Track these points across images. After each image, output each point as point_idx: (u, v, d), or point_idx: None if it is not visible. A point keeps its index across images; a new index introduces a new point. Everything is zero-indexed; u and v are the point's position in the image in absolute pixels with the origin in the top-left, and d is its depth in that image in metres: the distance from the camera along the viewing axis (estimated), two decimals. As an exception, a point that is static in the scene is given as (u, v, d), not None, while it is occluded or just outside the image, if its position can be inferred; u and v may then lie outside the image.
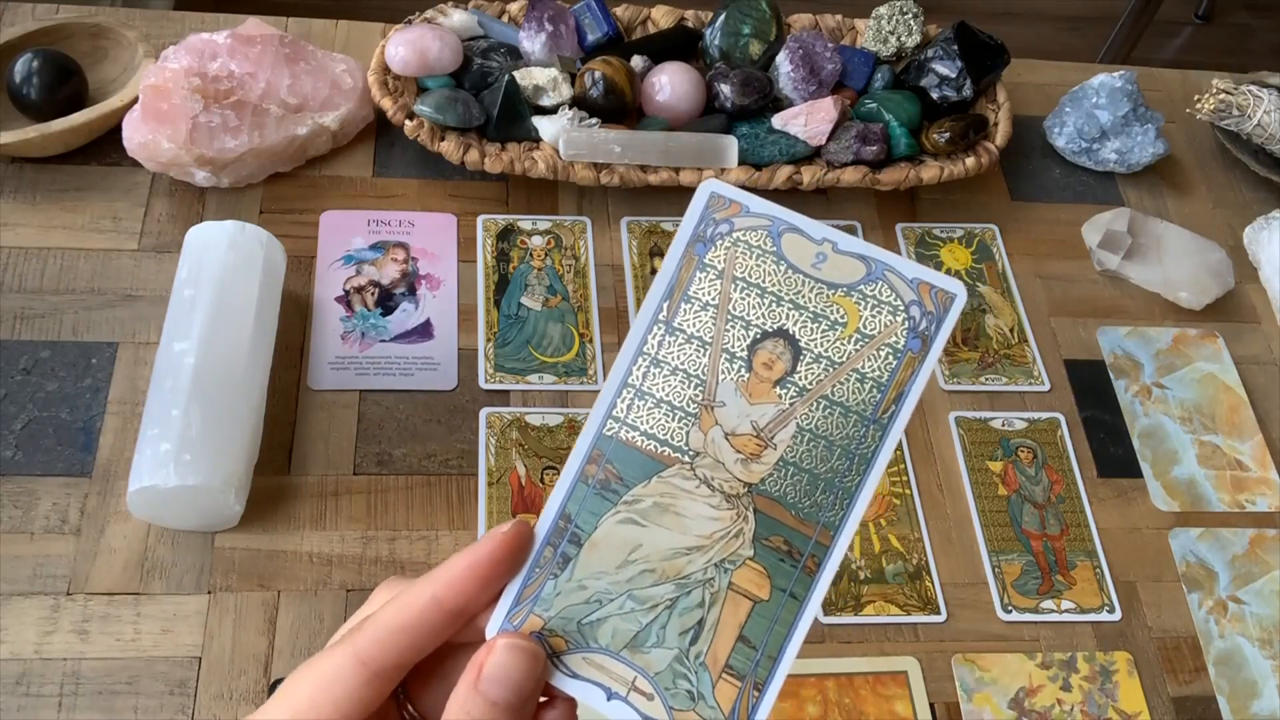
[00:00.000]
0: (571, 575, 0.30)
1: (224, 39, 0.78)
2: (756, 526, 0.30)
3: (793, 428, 0.30)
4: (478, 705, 0.30)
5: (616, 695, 0.30)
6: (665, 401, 0.30)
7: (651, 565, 0.30)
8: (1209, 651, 0.69)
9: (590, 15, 0.85)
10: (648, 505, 0.30)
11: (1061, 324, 0.82)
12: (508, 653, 0.30)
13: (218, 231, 0.69)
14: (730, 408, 0.30)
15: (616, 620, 0.30)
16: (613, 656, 0.30)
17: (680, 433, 0.30)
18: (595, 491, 0.30)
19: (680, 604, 0.30)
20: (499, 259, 0.79)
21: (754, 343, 0.30)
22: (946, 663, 0.66)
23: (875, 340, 0.30)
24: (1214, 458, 0.77)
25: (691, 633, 0.29)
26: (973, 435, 0.75)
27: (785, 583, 0.29)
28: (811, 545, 0.29)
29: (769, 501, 0.30)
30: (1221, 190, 0.93)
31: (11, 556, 0.63)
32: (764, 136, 0.81)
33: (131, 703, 0.59)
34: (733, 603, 0.29)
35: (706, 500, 0.30)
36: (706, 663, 0.29)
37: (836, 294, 0.30)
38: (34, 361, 0.69)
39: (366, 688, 0.32)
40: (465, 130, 0.80)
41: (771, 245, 0.30)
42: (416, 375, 0.73)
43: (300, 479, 0.68)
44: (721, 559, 0.30)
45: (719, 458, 0.30)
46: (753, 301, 0.30)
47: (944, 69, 0.85)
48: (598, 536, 0.30)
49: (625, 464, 0.30)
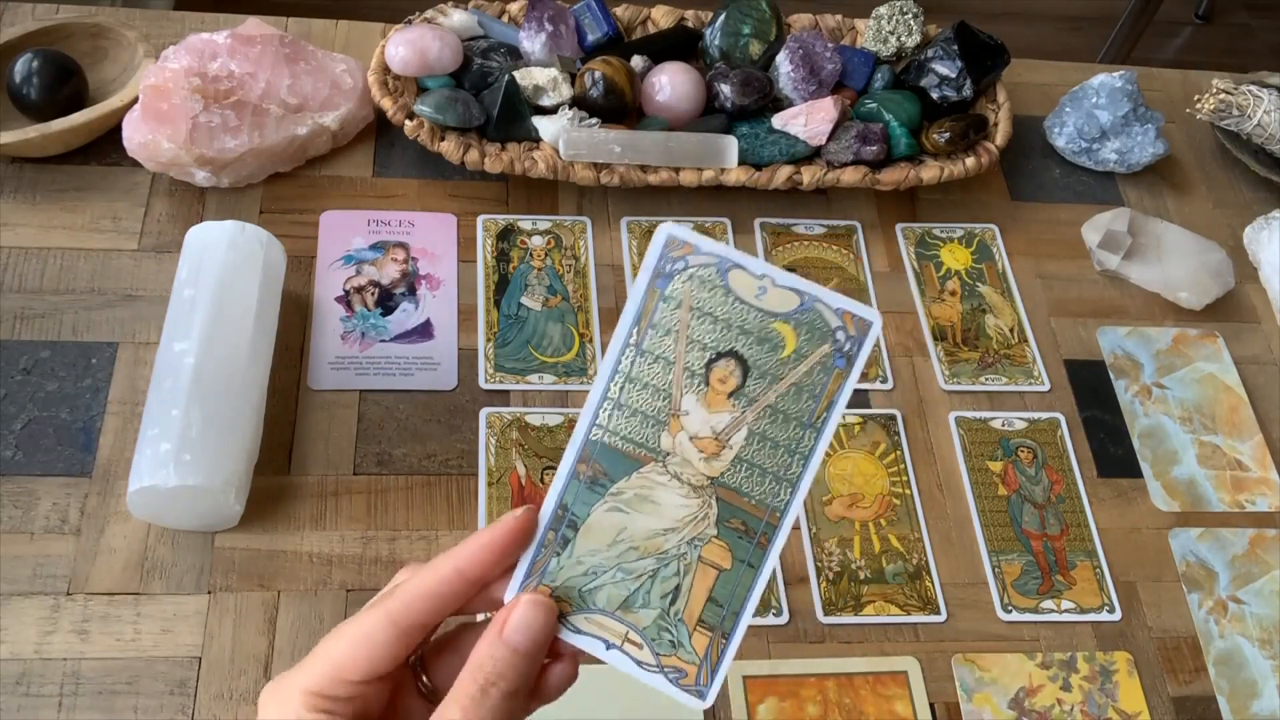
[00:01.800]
0: (571, 553, 0.37)
1: (224, 39, 0.78)
2: (719, 511, 0.36)
3: (745, 431, 0.36)
4: (501, 650, 0.36)
5: (614, 646, 0.37)
6: (639, 411, 0.36)
7: (635, 544, 0.37)
8: (1209, 651, 0.69)
9: (590, 15, 0.85)
10: (630, 496, 0.37)
11: (1061, 324, 0.82)
12: (529, 606, 0.37)
13: (218, 231, 0.69)
14: (693, 416, 0.36)
15: (610, 588, 0.37)
16: (608, 615, 0.37)
17: (653, 437, 0.36)
18: (586, 486, 0.37)
19: (660, 574, 0.37)
20: (499, 259, 0.79)
21: (709, 362, 0.36)
22: (946, 663, 0.66)
23: (809, 359, 0.36)
24: (1214, 458, 0.77)
25: (670, 595, 0.37)
26: (973, 435, 0.75)
27: (743, 555, 0.36)
28: (763, 525, 0.36)
29: (728, 491, 0.36)
30: (1221, 190, 0.93)
31: (11, 556, 0.63)
32: (764, 136, 0.81)
33: (131, 703, 0.59)
34: (702, 572, 0.37)
35: (677, 491, 0.37)
36: (684, 618, 0.37)
37: (776, 321, 0.36)
38: (34, 361, 0.69)
39: (396, 644, 0.37)
40: (465, 130, 0.80)
41: (720, 280, 0.36)
42: (416, 375, 0.73)
43: (300, 479, 0.68)
44: (692, 538, 0.37)
45: (686, 457, 0.36)
46: (707, 327, 0.36)
47: (944, 69, 0.85)
48: (590, 522, 0.37)
49: (610, 463, 0.37)
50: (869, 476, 0.72)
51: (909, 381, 0.78)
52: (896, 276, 0.83)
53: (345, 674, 0.37)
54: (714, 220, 0.83)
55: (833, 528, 0.70)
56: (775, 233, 0.83)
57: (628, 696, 0.51)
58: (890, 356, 0.78)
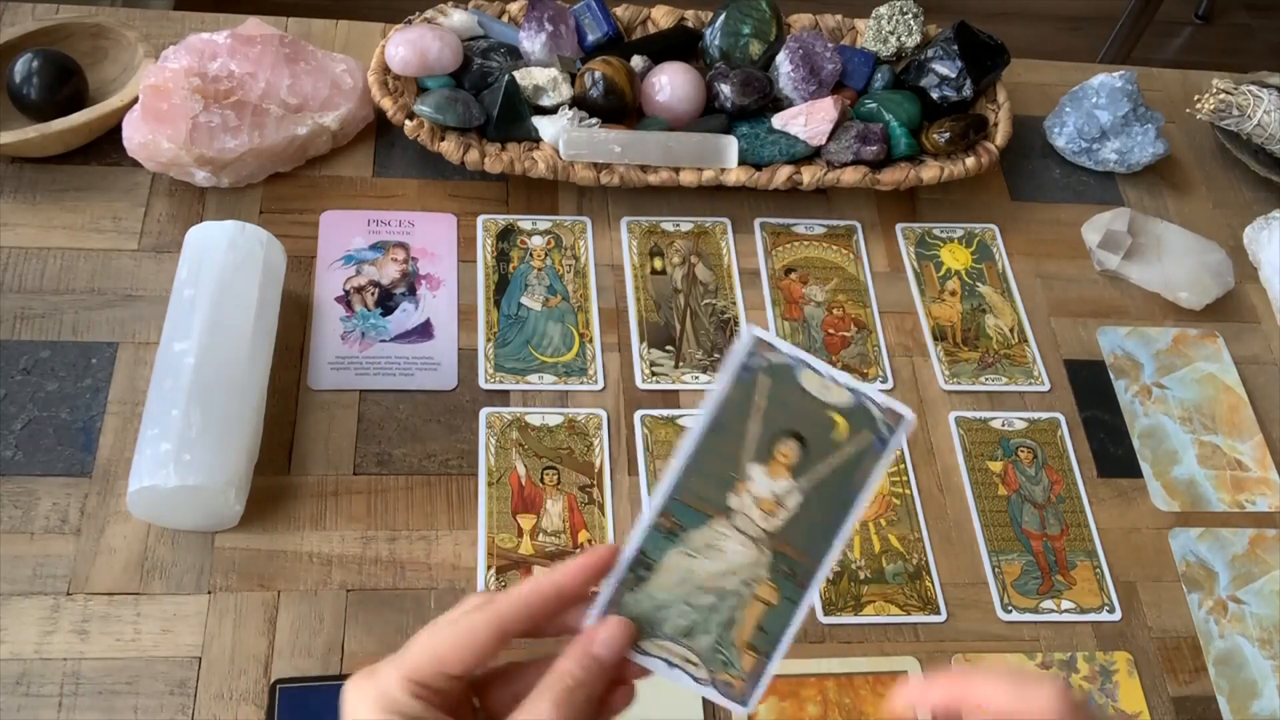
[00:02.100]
0: (645, 590, 0.44)
1: (224, 39, 0.78)
2: (771, 559, 0.44)
3: (798, 496, 0.44)
4: (587, 660, 0.41)
5: (675, 665, 0.43)
6: (714, 475, 0.44)
7: (701, 583, 0.44)
8: (1209, 651, 0.69)
9: (590, 15, 0.85)
10: (700, 544, 0.44)
11: (1061, 324, 0.82)
12: (618, 626, 0.42)
13: (218, 231, 0.69)
14: (757, 482, 0.44)
15: (676, 618, 0.44)
16: (672, 641, 0.44)
17: (722, 496, 0.44)
18: (664, 535, 0.44)
19: (719, 607, 0.44)
20: (499, 259, 0.79)
21: (775, 438, 0.44)
22: (946, 663, 0.66)
23: (854, 443, 0.44)
24: (1214, 458, 0.77)
25: (726, 625, 0.44)
26: (973, 435, 0.75)
27: (788, 593, 0.44)
28: (804, 569, 0.44)
29: (779, 542, 0.44)
30: (1221, 190, 0.93)
31: (11, 556, 0.63)
32: (764, 136, 0.81)
33: (131, 703, 0.59)
34: (753, 606, 0.44)
35: (739, 542, 0.44)
36: (736, 643, 0.44)
37: (832, 412, 0.43)
38: (34, 361, 0.69)
39: (495, 645, 0.41)
40: (465, 130, 0.80)
41: (793, 377, 0.44)
42: (416, 375, 0.73)
43: (300, 479, 0.68)
44: (748, 579, 0.44)
45: (748, 514, 0.44)
46: (777, 412, 0.44)
47: (944, 69, 0.85)
48: (664, 564, 0.44)
49: (684, 517, 0.44)
50: (869, 476, 0.72)
51: (909, 381, 0.77)
52: (896, 276, 0.83)
53: (446, 666, 0.40)
54: (714, 220, 0.83)
55: (833, 528, 0.70)
56: (775, 233, 0.83)
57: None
58: (890, 356, 0.78)
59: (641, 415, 0.73)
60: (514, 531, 0.67)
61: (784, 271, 0.81)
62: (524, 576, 0.66)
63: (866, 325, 0.80)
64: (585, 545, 0.68)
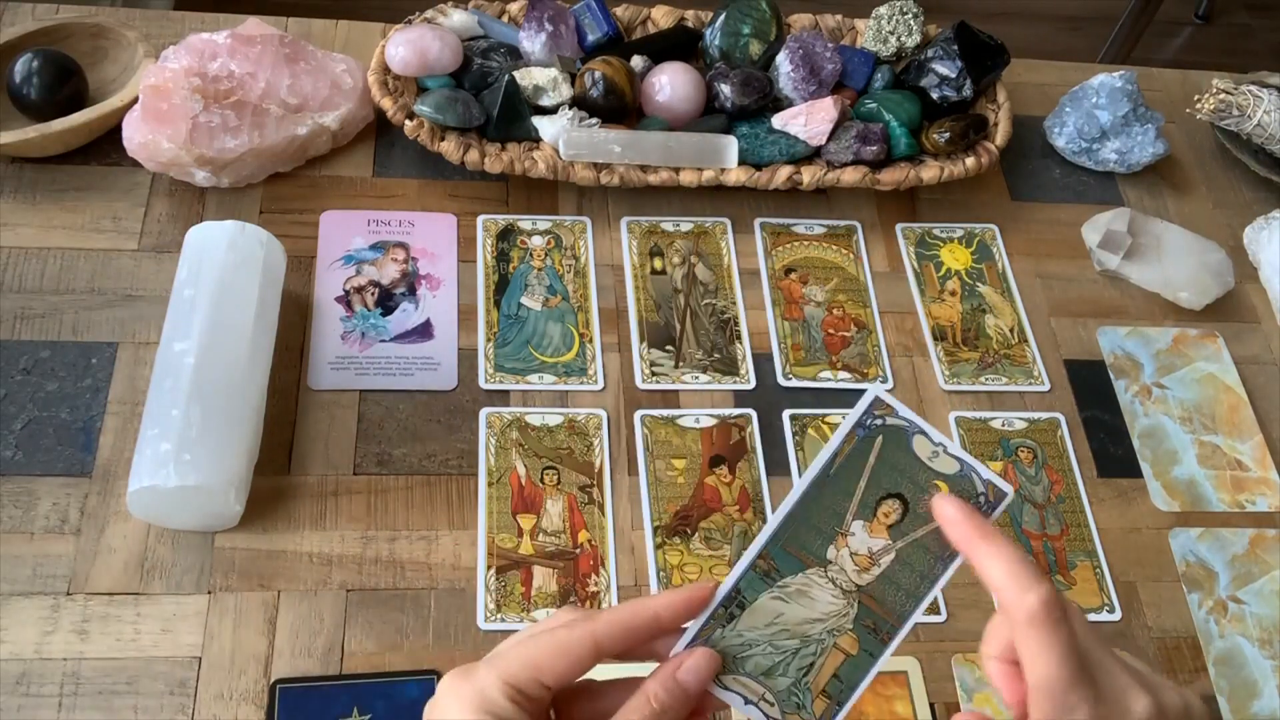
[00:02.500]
0: (734, 627, 0.45)
1: (224, 39, 0.78)
2: (858, 611, 0.45)
3: (893, 555, 0.45)
4: (674, 685, 0.42)
5: (751, 702, 0.45)
6: (817, 527, 0.45)
7: (787, 627, 0.45)
8: (1209, 651, 0.69)
9: (590, 15, 0.85)
10: (793, 590, 0.45)
11: (1061, 324, 0.82)
12: (706, 656, 0.43)
13: (218, 231, 0.69)
14: (857, 537, 0.45)
15: (759, 658, 0.45)
16: (753, 679, 0.45)
17: (822, 548, 0.45)
18: (760, 576, 0.45)
19: (801, 652, 0.45)
20: (499, 259, 0.79)
21: (880, 498, 0.45)
22: (946, 663, 0.66)
23: None
24: (1214, 458, 0.77)
25: (805, 669, 0.45)
26: (973, 435, 0.75)
27: (868, 647, 0.45)
28: (888, 626, 0.45)
29: (868, 597, 0.45)
30: (1221, 190, 0.93)
31: (11, 556, 0.63)
32: (764, 136, 0.81)
33: (131, 703, 0.59)
34: (834, 654, 0.45)
35: (830, 592, 0.45)
36: (811, 687, 0.45)
37: (937, 479, 0.44)
38: (34, 361, 0.69)
39: (589, 660, 0.41)
40: (465, 130, 0.80)
41: (906, 440, 0.45)
42: (416, 375, 0.73)
43: (300, 479, 0.68)
44: (833, 628, 0.45)
45: (844, 566, 0.45)
46: (886, 472, 0.45)
47: (944, 69, 0.85)
48: (756, 605, 0.45)
49: (783, 562, 0.45)
50: (869, 476, 0.72)
51: (909, 381, 0.77)
52: (896, 276, 0.83)
53: (542, 675, 0.41)
54: (714, 220, 0.83)
55: (833, 528, 0.70)
56: (775, 233, 0.83)
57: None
58: (890, 356, 0.78)
59: (641, 415, 0.73)
60: (514, 531, 0.67)
61: (784, 271, 0.81)
62: (524, 576, 0.66)
63: (866, 325, 0.80)
64: (585, 545, 0.68)
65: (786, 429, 0.74)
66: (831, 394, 0.76)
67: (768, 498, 0.71)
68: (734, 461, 0.72)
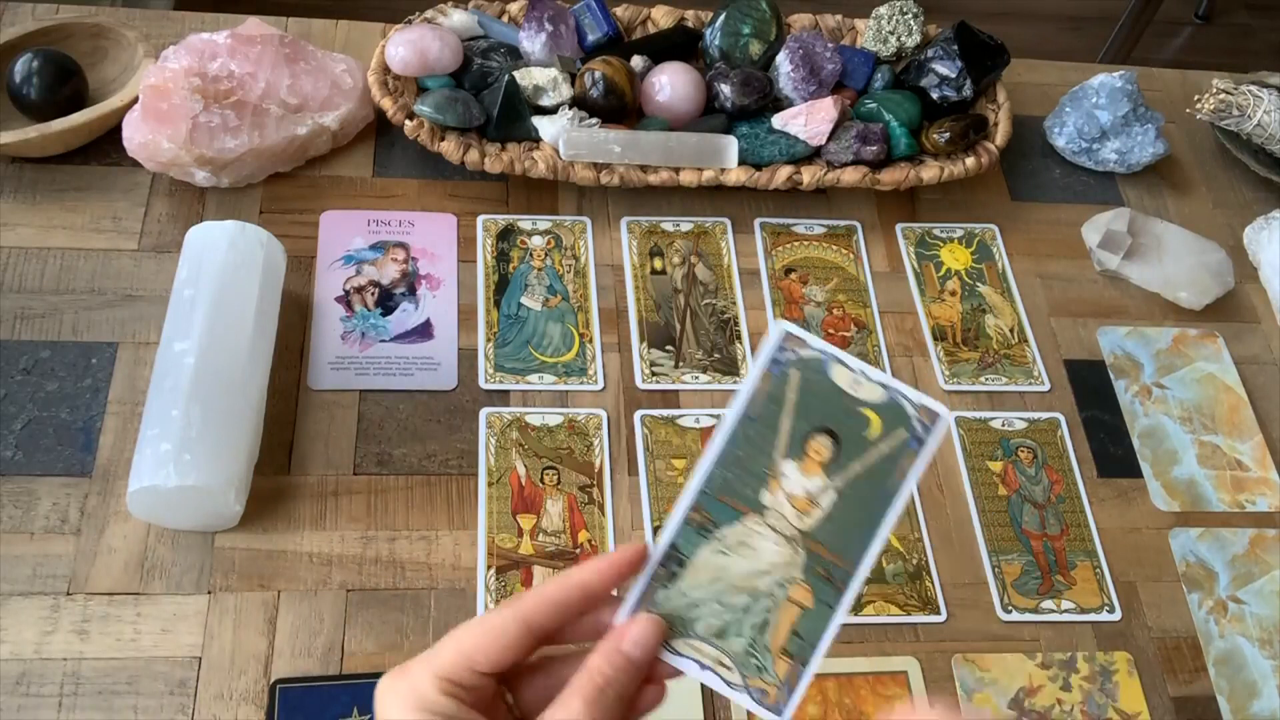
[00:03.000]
0: (677, 586, 0.43)
1: (224, 39, 0.78)
2: (806, 559, 0.42)
3: (832, 494, 0.42)
4: (618, 658, 0.41)
5: (707, 667, 0.42)
6: (747, 471, 0.43)
7: (734, 582, 0.43)
8: (1209, 651, 0.69)
9: (590, 15, 0.85)
10: (733, 541, 0.43)
11: (1061, 324, 0.82)
12: (648, 623, 0.42)
13: (218, 231, 0.69)
14: (790, 478, 0.43)
15: (708, 618, 0.42)
16: (705, 641, 0.42)
17: (755, 493, 0.43)
18: (695, 530, 0.43)
19: (753, 608, 0.42)
20: (499, 259, 0.79)
21: (808, 435, 0.43)
22: (946, 663, 0.66)
23: (889, 440, 0.43)
24: (1214, 458, 0.77)
25: (759, 627, 0.42)
26: (973, 435, 0.75)
27: (824, 597, 0.42)
28: (841, 572, 0.42)
29: (815, 543, 0.42)
30: (1221, 190, 0.93)
31: (11, 556, 0.63)
32: (764, 136, 0.81)
33: (131, 703, 0.59)
34: (788, 609, 0.42)
35: (772, 540, 0.43)
36: (770, 647, 0.42)
37: (865, 408, 0.42)
38: (34, 361, 0.69)
39: (522, 641, 0.41)
40: (465, 130, 0.80)
41: (823, 371, 0.43)
42: (416, 375, 0.73)
43: (300, 479, 0.68)
44: (782, 579, 0.42)
45: (782, 512, 0.43)
46: (809, 407, 0.43)
47: (944, 69, 0.85)
48: (696, 561, 0.43)
49: (717, 512, 0.43)
50: (869, 476, 0.72)
51: (909, 381, 0.77)
52: (896, 276, 0.83)
53: (475, 663, 0.40)
54: (714, 220, 0.83)
55: (833, 528, 0.70)
56: (775, 232, 0.83)
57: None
58: (890, 356, 0.78)
59: (641, 415, 0.73)
60: (514, 531, 0.67)
61: (784, 271, 0.81)
62: (524, 577, 0.66)
63: (866, 325, 0.80)
64: (585, 545, 0.68)
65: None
66: (831, 394, 0.76)
67: (768, 498, 0.71)
68: (734, 461, 0.72)
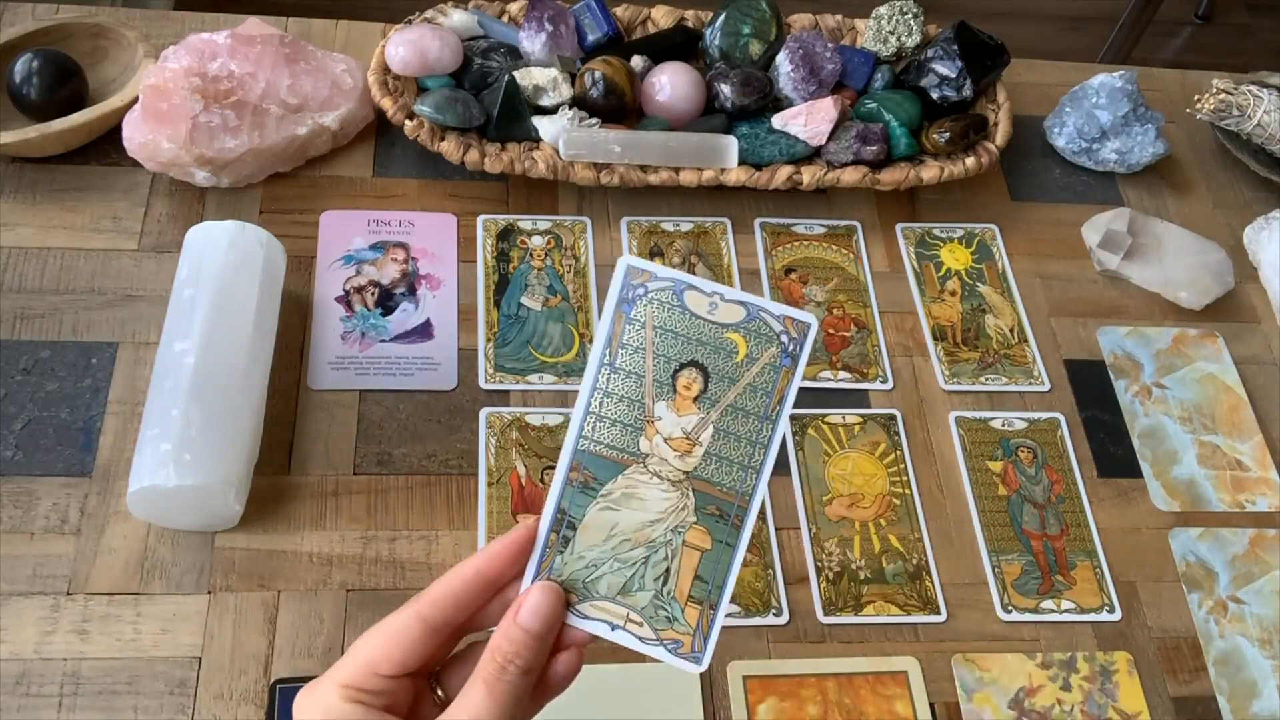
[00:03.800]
0: (572, 550, 0.42)
1: (224, 39, 0.78)
2: (696, 501, 0.41)
3: (710, 429, 0.41)
4: (517, 632, 0.41)
5: (618, 626, 0.41)
6: (619, 421, 0.42)
7: (627, 536, 0.42)
8: (1209, 651, 0.69)
9: (590, 15, 0.85)
10: (618, 495, 0.42)
11: (1061, 324, 0.82)
12: (540, 591, 0.41)
13: (218, 231, 0.69)
14: (665, 420, 0.41)
15: (609, 576, 0.41)
16: (610, 601, 0.42)
17: (632, 442, 0.41)
18: (579, 490, 0.42)
19: (652, 560, 0.41)
20: (499, 259, 0.79)
21: (675, 372, 0.41)
22: (946, 663, 0.66)
23: (759, 362, 0.41)
24: (1214, 458, 0.77)
25: (662, 578, 0.42)
26: (973, 435, 0.75)
27: (721, 536, 0.41)
28: (735, 509, 0.41)
29: (702, 483, 0.41)
30: (1221, 190, 0.93)
31: (11, 556, 0.63)
32: (764, 136, 0.81)
33: (131, 703, 0.59)
34: (687, 554, 0.42)
35: (658, 487, 0.41)
36: (676, 596, 0.41)
37: (728, 331, 0.41)
38: (34, 361, 0.69)
39: (424, 640, 0.41)
40: (465, 130, 0.80)
41: (677, 300, 0.41)
42: (416, 375, 0.73)
43: (300, 479, 0.68)
44: (675, 525, 0.41)
45: (662, 456, 0.41)
46: (669, 342, 0.41)
47: (944, 69, 0.85)
48: (586, 521, 0.42)
49: (597, 468, 0.42)
50: (869, 476, 0.72)
51: (909, 381, 0.77)
52: (896, 276, 0.83)
53: (378, 668, 0.40)
54: (714, 220, 0.83)
55: (833, 528, 0.70)
56: (775, 233, 0.83)
57: (630, 699, 0.51)
58: (890, 356, 0.78)
59: (641, 415, 0.73)
60: (514, 531, 0.67)
61: (784, 271, 0.81)
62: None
63: (866, 325, 0.80)
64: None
65: (786, 429, 0.74)
66: (832, 394, 0.76)
67: (768, 498, 0.71)
68: (734, 461, 0.72)
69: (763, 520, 0.70)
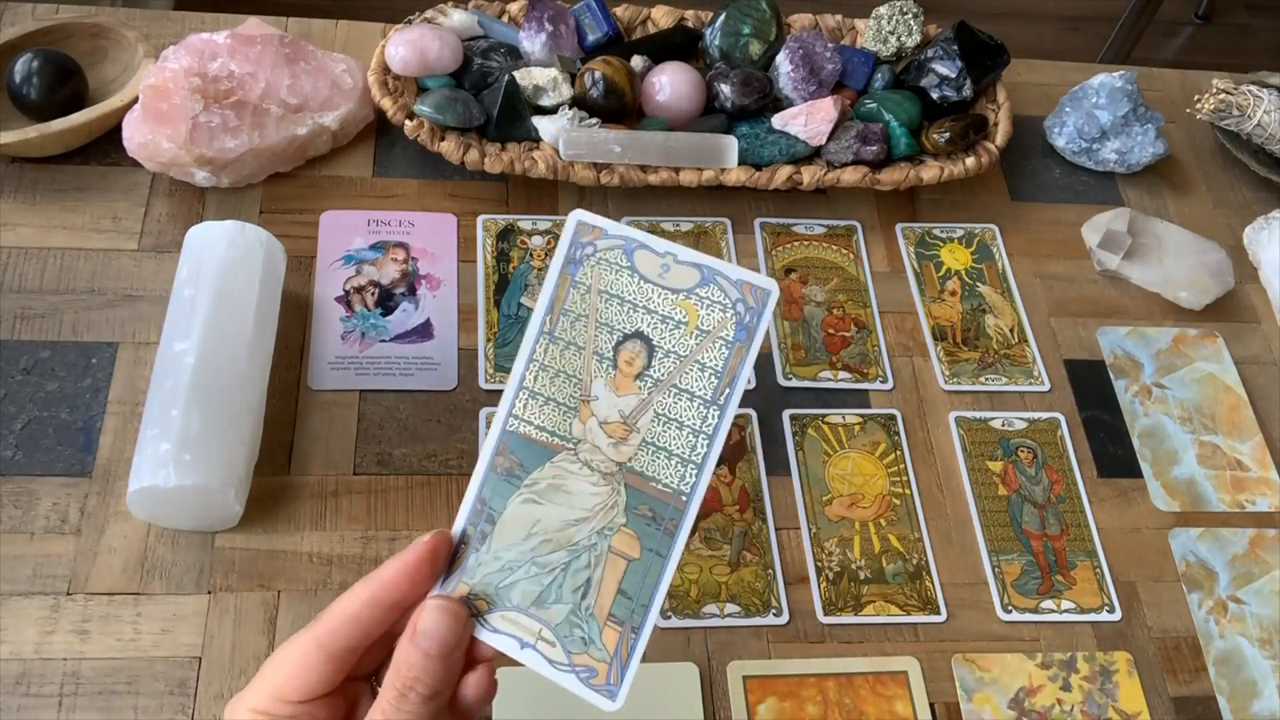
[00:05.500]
0: (489, 548, 0.37)
1: (224, 39, 0.78)
2: (627, 498, 0.36)
3: (651, 414, 0.36)
4: (415, 655, 0.37)
5: (528, 644, 0.36)
6: (553, 399, 0.36)
7: (548, 536, 0.36)
8: (1209, 651, 0.69)
9: (590, 15, 0.85)
10: (543, 486, 0.36)
11: (1061, 324, 0.82)
12: (435, 612, 0.37)
13: (218, 231, 0.69)
14: (602, 400, 0.36)
15: (524, 583, 0.36)
16: (523, 613, 0.36)
17: (565, 424, 0.36)
18: (503, 478, 0.37)
19: (572, 566, 0.36)
20: (499, 259, 0.79)
21: (617, 344, 0.36)
22: (946, 663, 0.66)
23: (711, 335, 0.36)
24: (1214, 458, 0.77)
25: (582, 589, 0.36)
26: (973, 435, 0.75)
27: (652, 543, 0.36)
28: (670, 511, 0.36)
29: (636, 476, 0.36)
30: (1221, 190, 0.93)
31: (11, 556, 0.63)
32: (764, 136, 0.81)
33: (131, 703, 0.59)
34: (612, 563, 0.36)
35: (588, 479, 0.36)
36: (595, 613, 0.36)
37: (679, 297, 0.36)
38: (34, 361, 0.69)
39: (326, 666, 0.38)
40: (465, 130, 0.80)
41: (626, 261, 0.36)
42: (416, 375, 0.73)
43: (300, 479, 0.68)
44: (602, 527, 0.36)
45: (595, 443, 0.36)
46: (614, 310, 0.36)
47: (944, 69, 0.85)
48: (507, 515, 0.37)
49: (524, 453, 0.36)
50: (869, 476, 0.72)
51: (909, 381, 0.77)
52: (896, 276, 0.83)
53: (285, 694, 0.39)
54: (714, 220, 0.83)
55: (832, 528, 0.70)
56: (775, 233, 0.83)
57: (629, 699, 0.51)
58: (890, 356, 0.78)
59: (641, 415, 0.73)
60: (514, 531, 0.67)
61: (784, 271, 0.81)
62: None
63: (866, 325, 0.80)
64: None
65: (786, 429, 0.74)
66: (831, 394, 0.76)
67: (768, 498, 0.71)
68: (734, 462, 0.72)
69: (763, 520, 0.70)
